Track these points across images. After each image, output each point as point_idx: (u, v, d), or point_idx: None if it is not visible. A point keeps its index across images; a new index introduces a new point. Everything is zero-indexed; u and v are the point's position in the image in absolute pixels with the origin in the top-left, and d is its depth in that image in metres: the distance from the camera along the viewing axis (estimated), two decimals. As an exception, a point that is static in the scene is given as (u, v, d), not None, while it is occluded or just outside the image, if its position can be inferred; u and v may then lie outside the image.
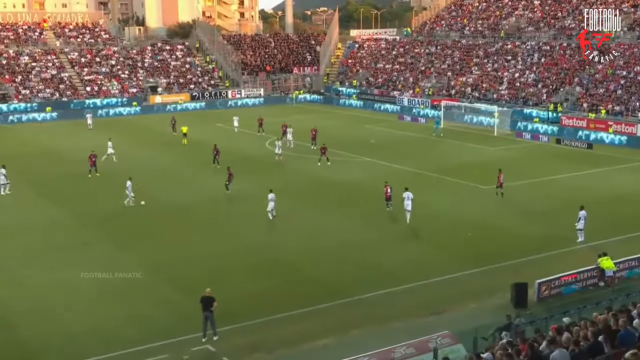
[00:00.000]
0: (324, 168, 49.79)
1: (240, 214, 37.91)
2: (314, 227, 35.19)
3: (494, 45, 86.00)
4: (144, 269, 29.35)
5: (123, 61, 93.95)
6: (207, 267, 29.68)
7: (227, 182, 42.14)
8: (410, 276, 28.26)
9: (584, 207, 32.37)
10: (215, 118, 77.78)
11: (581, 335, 14.89)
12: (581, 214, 32.14)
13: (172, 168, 50.71)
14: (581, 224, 32.07)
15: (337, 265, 29.95)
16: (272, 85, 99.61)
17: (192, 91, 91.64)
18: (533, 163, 52.12)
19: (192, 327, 23.27)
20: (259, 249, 32.17)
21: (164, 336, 23.22)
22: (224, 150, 52.09)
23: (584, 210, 32.22)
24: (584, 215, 32.06)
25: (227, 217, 37.45)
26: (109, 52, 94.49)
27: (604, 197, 41.11)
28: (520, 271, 28.23)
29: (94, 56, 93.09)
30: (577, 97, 69.06)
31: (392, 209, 37.50)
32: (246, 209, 39.02)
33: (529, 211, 37.45)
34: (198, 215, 37.91)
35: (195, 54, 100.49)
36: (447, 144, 59.96)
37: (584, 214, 32.11)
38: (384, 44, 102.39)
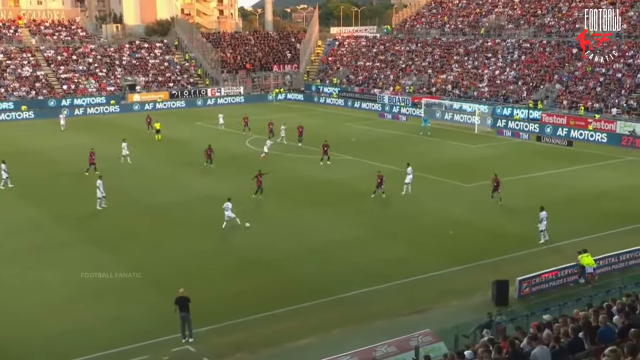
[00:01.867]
0: (306, 166, 49.84)
1: (222, 215, 37.65)
2: (297, 226, 35.21)
3: (474, 43, 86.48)
4: (125, 270, 29.23)
5: (100, 59, 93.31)
6: (188, 267, 29.64)
7: (257, 190, 40.14)
8: (392, 274, 28.43)
9: (544, 208, 32.44)
10: (195, 117, 77.56)
11: (562, 332, 15.10)
12: (542, 214, 32.11)
13: (152, 167, 50.46)
14: (543, 224, 32.06)
15: (320, 264, 30.05)
16: (252, 84, 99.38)
17: (171, 89, 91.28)
18: (514, 161, 52.51)
19: (172, 328, 23.26)
20: (242, 248, 32.13)
21: (144, 337, 23.19)
22: (203, 147, 51.88)
23: (544, 211, 32.23)
24: (545, 216, 32.04)
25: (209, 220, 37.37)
26: (86, 50, 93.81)
27: (585, 194, 41.57)
28: (501, 269, 28.49)
29: (71, 54, 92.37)
30: (557, 95, 69.70)
31: (374, 196, 39.51)
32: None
33: (510, 209, 37.70)
34: (179, 216, 37.76)
35: (174, 52, 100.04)
36: (428, 142, 60.21)
37: (545, 214, 32.10)
38: (365, 42, 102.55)
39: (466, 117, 69.91)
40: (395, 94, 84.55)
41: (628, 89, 65.01)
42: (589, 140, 59.77)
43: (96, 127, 70.95)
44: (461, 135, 63.56)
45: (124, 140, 51.94)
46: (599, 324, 15.06)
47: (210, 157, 49.11)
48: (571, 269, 27.52)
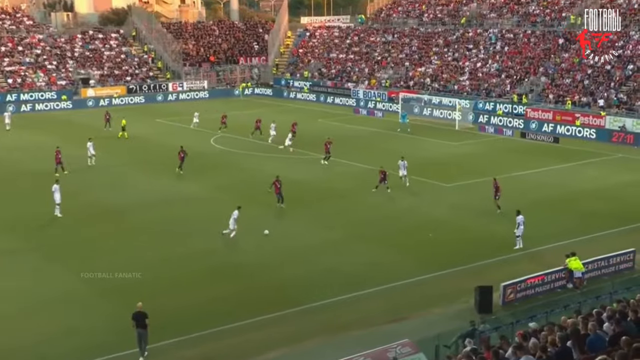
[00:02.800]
0: (279, 166, 49.78)
1: (190, 217, 37.66)
2: (264, 229, 35.06)
3: (455, 33, 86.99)
4: (80, 278, 28.96)
5: (50, 50, 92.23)
6: (151, 275, 29.44)
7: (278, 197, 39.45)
8: (370, 280, 28.52)
9: (520, 212, 32.40)
10: (155, 113, 77.02)
11: (549, 341, 15.20)
12: (519, 219, 32.05)
13: (110, 167, 49.99)
14: (520, 230, 32.01)
15: (295, 270, 30.10)
16: (217, 77, 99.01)
17: (128, 84, 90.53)
18: (497, 159, 52.89)
19: (132, 342, 23.05)
20: (209, 254, 32.03)
21: (101, 352, 22.96)
22: (168, 147, 51.66)
23: (521, 215, 32.17)
24: (522, 220, 31.98)
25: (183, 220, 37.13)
26: (34, 41, 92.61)
27: (572, 193, 42.01)
28: (485, 274, 28.66)
29: (16, 45, 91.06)
30: (542, 88, 70.38)
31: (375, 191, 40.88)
32: (196, 211, 38.83)
33: (494, 210, 37.89)
34: (139, 219, 37.53)
35: (132, 43, 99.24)
36: (406, 139, 60.35)
37: (522, 218, 32.03)
38: (337, 32, 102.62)
39: (446, 112, 70.29)
40: (370, 88, 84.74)
41: (617, 82, 65.90)
42: (577, 137, 60.43)
43: (47, 124, 70.09)
44: (441, 132, 63.85)
45: (89, 139, 51.10)
46: (589, 331, 15.20)
47: (183, 160, 47.70)
48: (558, 274, 27.76)
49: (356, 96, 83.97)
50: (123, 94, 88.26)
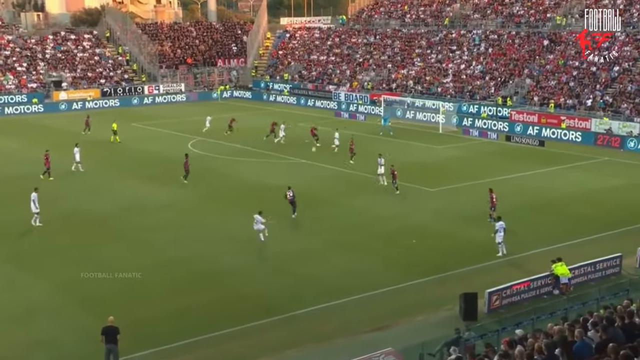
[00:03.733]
0: (254, 171, 49.73)
1: (167, 224, 37.56)
2: (245, 237, 34.99)
3: (438, 35, 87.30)
4: (52, 288, 28.76)
5: (20, 52, 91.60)
6: (124, 284, 29.27)
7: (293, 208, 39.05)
8: (351, 288, 28.49)
9: (501, 218, 32.54)
10: (130, 117, 76.57)
11: (535, 348, 15.25)
12: (499, 225, 32.07)
13: (88, 174, 49.62)
14: (500, 236, 32.00)
15: (273, 278, 30.02)
16: (194, 80, 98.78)
17: (102, 86, 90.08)
18: (481, 162, 53.12)
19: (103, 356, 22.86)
20: (185, 261, 31.90)
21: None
22: (145, 152, 51.41)
23: (501, 221, 32.20)
24: (502, 227, 31.96)
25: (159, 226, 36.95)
26: (2, 42, 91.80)
27: (558, 198, 42.25)
28: (469, 280, 28.76)
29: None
30: (527, 90, 70.79)
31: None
32: (173, 218, 38.74)
33: (478, 215, 37.87)
34: (115, 226, 37.39)
35: (106, 45, 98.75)
36: (388, 142, 60.36)
37: (502, 225, 32.01)
38: (318, 34, 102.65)
39: (429, 115, 70.51)
40: (352, 90, 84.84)
41: (603, 84, 66.43)
42: (562, 140, 60.85)
43: (17, 129, 69.52)
44: (424, 135, 64.03)
45: (76, 145, 50.52)
46: (575, 338, 15.27)
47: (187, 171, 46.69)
48: (544, 280, 27.89)
49: (337, 99, 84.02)
50: (97, 97, 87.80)
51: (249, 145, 57.99)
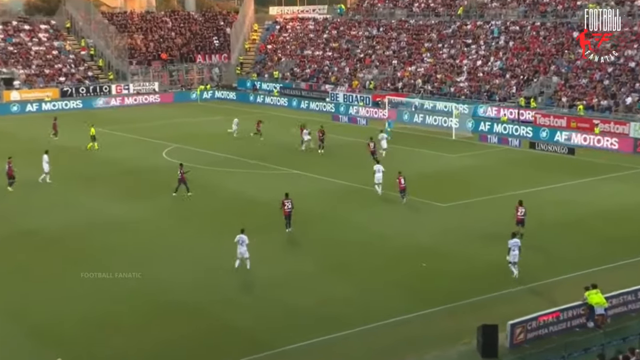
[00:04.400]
0: (238, 183, 49.50)
1: (134, 245, 37.31)
2: (225, 260, 34.64)
3: (450, 26, 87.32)
4: (4, 317, 28.49)
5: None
6: (83, 313, 28.90)
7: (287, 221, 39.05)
8: (351, 319, 28.20)
9: (516, 235, 32.63)
10: (95, 121, 75.59)
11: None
12: (512, 243, 32.09)
13: (48, 186, 49.49)
14: (514, 255, 31.94)
15: (258, 308, 29.75)
16: (170, 79, 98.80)
17: (62, 85, 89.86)
18: (501, 173, 53.05)
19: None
20: (159, 289, 31.62)
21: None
22: (112, 162, 51.10)
23: (516, 238, 32.32)
24: (517, 245, 31.98)
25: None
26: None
27: (590, 214, 42.06)
28: (487, 310, 28.57)
29: None
30: (554, 90, 70.65)
31: (406, 200, 43.54)
32: (142, 237, 38.50)
33: (498, 234, 37.41)
34: (74, 246, 37.16)
35: (66, 37, 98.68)
36: (394, 150, 60.22)
37: (516, 242, 32.07)
38: (313, 25, 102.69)
39: (441, 119, 70.30)
40: (352, 91, 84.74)
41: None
42: (596, 147, 60.61)
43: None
44: (435, 142, 63.84)
45: (46, 152, 50.49)
46: (615, 379, 14.93)
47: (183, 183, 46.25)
48: (577, 310, 27.56)
49: (335, 100, 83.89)
50: (55, 98, 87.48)
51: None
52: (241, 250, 33.17)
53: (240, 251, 33.17)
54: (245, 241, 33.16)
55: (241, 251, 33.18)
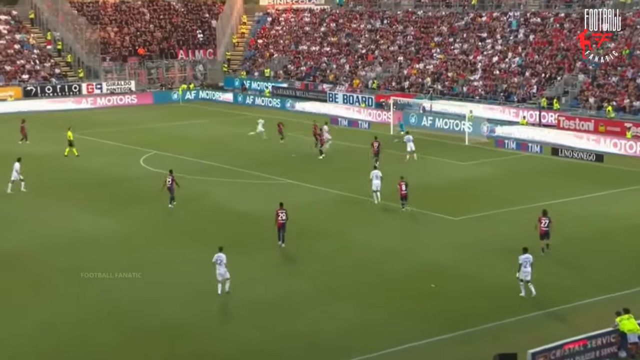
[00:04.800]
0: (224, 194, 49.48)
1: (105, 265, 36.98)
2: (209, 280, 34.53)
3: (463, 18, 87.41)
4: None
5: None
6: (50, 341, 28.82)
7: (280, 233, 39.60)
8: (354, 347, 28.12)
9: (527, 250, 32.77)
10: (63, 124, 75.65)
11: None
12: (524, 258, 32.39)
13: (8, 197, 49.58)
14: (526, 273, 32.23)
15: (246, 334, 29.63)
16: (149, 77, 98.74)
17: (25, 84, 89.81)
18: (520, 182, 52.99)
19: None
20: (134, 313, 31.55)
21: None
22: (82, 170, 51.02)
23: (527, 253, 32.54)
24: (529, 261, 32.27)
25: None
26: None
27: (620, 229, 41.96)
28: (504, 337, 28.56)
29: None
30: (580, 89, 70.64)
31: (408, 209, 44.78)
32: (113, 256, 38.36)
33: (517, 251, 36.94)
34: (42, 267, 37.07)
35: (29, 29, 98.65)
36: (399, 157, 60.14)
37: (528, 258, 32.35)
38: (309, 17, 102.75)
39: (452, 122, 70.31)
40: (352, 90, 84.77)
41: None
42: (627, 153, 60.61)
43: None
44: (445, 148, 63.99)
45: (18, 159, 51.12)
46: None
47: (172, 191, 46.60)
48: (607, 337, 27.45)
49: (334, 101, 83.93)
50: (18, 98, 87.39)
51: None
52: (220, 271, 33.07)
53: (219, 272, 33.08)
54: (223, 261, 33.08)
55: (221, 272, 33.09)
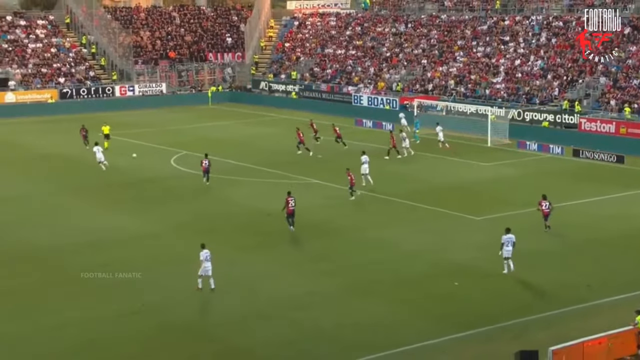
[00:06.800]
0: (252, 194, 49.47)
1: (131, 262, 37.13)
2: (236, 279, 34.74)
3: (486, 22, 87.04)
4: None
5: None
6: (76, 341, 28.86)
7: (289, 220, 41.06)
8: (375, 344, 28.03)
9: (510, 230, 34.58)
10: (97, 125, 76.01)
11: None
12: (506, 238, 34.35)
13: (42, 198, 49.93)
14: (507, 251, 34.20)
15: (271, 331, 29.62)
16: (179, 79, 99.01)
17: (61, 86, 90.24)
18: (542, 184, 52.28)
19: None
20: (161, 310, 31.61)
21: None
22: (115, 170, 51.30)
23: (510, 233, 34.42)
24: (511, 241, 34.26)
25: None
26: None
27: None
28: (525, 335, 28.49)
29: None
30: (602, 92, 70.15)
31: (355, 198, 46.66)
32: (139, 254, 38.45)
33: (537, 251, 37.69)
34: (69, 265, 37.09)
35: (65, 33, 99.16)
36: (422, 158, 60.08)
37: (510, 238, 34.30)
38: (335, 21, 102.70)
39: (475, 124, 69.99)
40: (377, 93, 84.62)
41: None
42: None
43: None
44: (468, 149, 63.93)
45: (96, 143, 56.70)
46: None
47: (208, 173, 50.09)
48: (627, 336, 27.12)
49: (358, 103, 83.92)
50: (55, 100, 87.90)
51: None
52: (207, 266, 33.08)
53: (205, 267, 33.07)
54: (209, 256, 33.20)
55: (207, 267, 33.11)
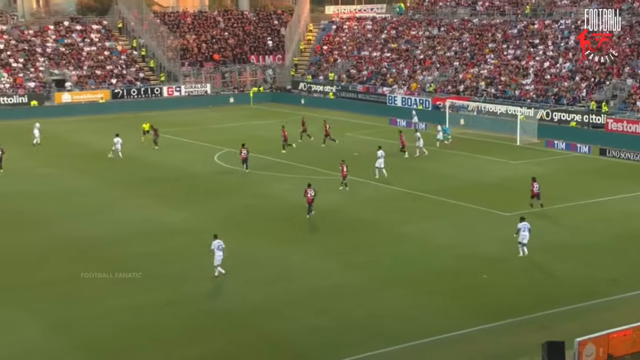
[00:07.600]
0: (289, 189, 49.41)
1: (172, 254, 37.29)
2: (271, 269, 34.75)
3: (516, 25, 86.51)
4: (44, 329, 28.71)
5: (15, 45, 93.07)
6: (125, 326, 28.98)
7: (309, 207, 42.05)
8: (403, 334, 27.92)
9: (525, 219, 35.97)
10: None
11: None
12: (522, 225, 35.58)
13: (89, 193, 50.00)
14: (524, 237, 35.41)
15: (304, 320, 29.58)
16: (223, 80, 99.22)
17: (113, 87, 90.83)
18: (569, 181, 52.55)
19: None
20: (201, 299, 31.76)
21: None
22: (161, 167, 51.77)
23: (525, 221, 35.62)
24: (526, 227, 35.44)
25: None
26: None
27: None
28: (554, 326, 28.22)
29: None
30: (628, 93, 69.47)
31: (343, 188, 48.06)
32: (180, 245, 38.48)
33: (564, 245, 37.48)
34: (114, 255, 37.25)
35: (117, 37, 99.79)
36: (453, 156, 59.82)
37: (526, 225, 35.49)
38: (370, 25, 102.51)
39: (505, 124, 69.51)
40: (411, 94, 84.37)
41: None
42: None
43: (15, 137, 69.08)
44: (498, 148, 63.59)
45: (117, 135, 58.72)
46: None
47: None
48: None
49: (393, 103, 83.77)
50: (107, 100, 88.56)
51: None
52: (219, 254, 33.25)
53: (218, 257, 33.23)
54: (222, 246, 33.35)
55: (219, 256, 33.26)
